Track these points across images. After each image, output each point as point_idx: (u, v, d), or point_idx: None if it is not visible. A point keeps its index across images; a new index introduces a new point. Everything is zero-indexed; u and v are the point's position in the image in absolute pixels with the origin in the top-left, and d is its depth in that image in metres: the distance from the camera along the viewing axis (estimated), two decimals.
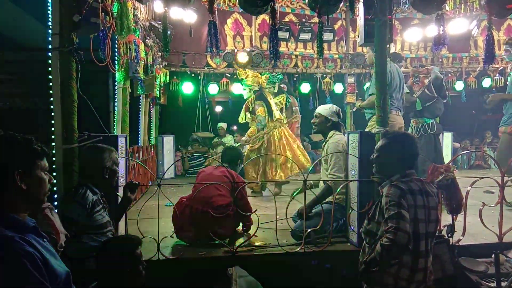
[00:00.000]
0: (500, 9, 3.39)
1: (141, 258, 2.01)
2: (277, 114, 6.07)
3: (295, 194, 3.89)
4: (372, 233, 2.30)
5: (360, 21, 3.31)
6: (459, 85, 8.64)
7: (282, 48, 7.95)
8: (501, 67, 8.55)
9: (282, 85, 7.78)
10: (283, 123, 6.15)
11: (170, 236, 3.30)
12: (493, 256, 2.85)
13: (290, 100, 7.37)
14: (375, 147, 2.56)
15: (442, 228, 3.25)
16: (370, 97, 4.38)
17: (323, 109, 3.88)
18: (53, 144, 2.84)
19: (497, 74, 8.62)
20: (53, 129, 2.86)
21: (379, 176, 2.66)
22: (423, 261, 2.21)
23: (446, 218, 3.32)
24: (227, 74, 8.08)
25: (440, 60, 8.61)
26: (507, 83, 8.72)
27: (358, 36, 3.46)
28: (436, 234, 3.13)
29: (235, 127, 8.76)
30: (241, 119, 6.30)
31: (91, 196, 2.48)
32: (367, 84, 8.22)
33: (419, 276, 2.19)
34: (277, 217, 3.39)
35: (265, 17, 7.92)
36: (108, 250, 1.97)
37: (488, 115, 11.12)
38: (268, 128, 6.01)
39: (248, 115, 6.22)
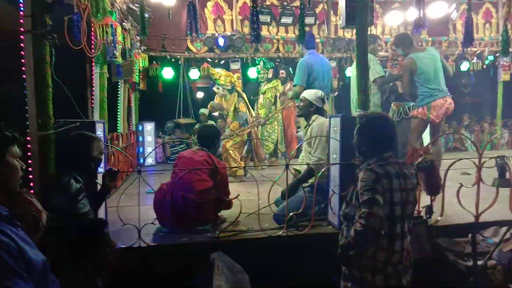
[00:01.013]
0: None
1: (109, 239, 1.99)
2: (252, 112, 6.68)
3: (277, 179, 3.90)
4: (350, 216, 2.30)
5: (342, 3, 3.29)
6: None
7: (264, 32, 7.87)
8: (479, 51, 8.69)
9: (281, 71, 7.91)
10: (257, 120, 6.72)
11: (152, 223, 3.27)
12: (469, 235, 2.93)
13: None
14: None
15: (421, 209, 3.32)
16: (294, 87, 4.65)
17: (309, 94, 3.92)
18: (28, 131, 2.75)
19: (475, 58, 8.75)
20: (27, 115, 2.77)
21: (359, 159, 2.67)
22: (399, 243, 2.21)
23: (424, 199, 3.39)
24: (208, 59, 7.96)
25: (420, 43, 8.68)
26: (484, 66, 8.92)
27: (340, 19, 3.44)
28: (415, 215, 3.20)
29: (216, 113, 8.68)
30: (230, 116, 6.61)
31: (75, 184, 2.43)
32: (349, 69, 8.26)
33: (396, 258, 2.21)
34: (260, 201, 3.39)
35: (246, 0, 7.81)
36: (74, 233, 1.93)
37: (465, 99, 11.33)
38: (251, 123, 6.51)
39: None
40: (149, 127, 8.03)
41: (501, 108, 8.85)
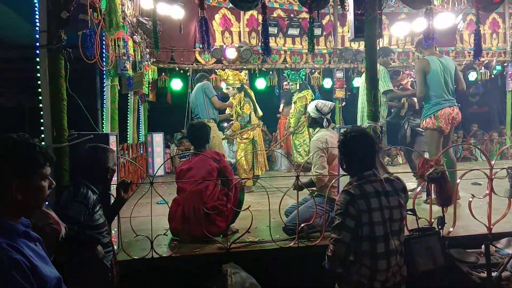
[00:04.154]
0: (487, 3, 3.43)
1: (102, 255, 1.99)
2: (259, 110, 6.47)
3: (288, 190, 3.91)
4: None
5: (350, 16, 3.33)
6: None
7: (271, 43, 7.93)
8: (487, 61, 8.68)
9: (285, 83, 7.93)
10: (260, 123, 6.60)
11: (164, 234, 3.29)
12: (483, 247, 2.90)
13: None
14: None
15: (433, 220, 3.30)
16: None
17: (309, 105, 4.01)
18: (43, 143, 2.80)
19: (483, 68, 8.74)
20: (42, 128, 2.82)
21: None
22: (384, 262, 2.15)
23: (436, 210, 3.38)
24: (216, 70, 8.04)
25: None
26: (492, 76, 8.91)
27: (348, 31, 3.48)
28: (427, 226, 3.19)
29: (225, 124, 8.73)
30: (234, 115, 6.47)
31: (92, 195, 2.46)
32: (356, 79, 8.29)
33: (381, 276, 2.16)
34: (270, 212, 3.40)
35: (253, 12, 7.90)
36: (67, 248, 1.92)
37: (474, 108, 11.28)
38: (252, 125, 6.36)
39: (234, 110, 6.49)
40: (158, 137, 8.09)
41: (510, 117, 8.81)
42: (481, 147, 9.11)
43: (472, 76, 8.69)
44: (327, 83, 8.61)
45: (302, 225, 3.31)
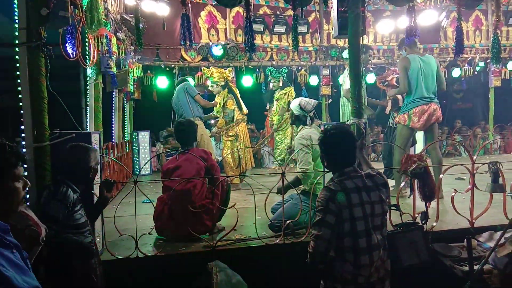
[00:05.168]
0: (468, 0, 3.47)
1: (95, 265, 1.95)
2: (244, 108, 6.42)
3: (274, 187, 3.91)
4: None
5: (334, 13, 3.34)
6: None
7: (257, 40, 7.93)
8: (470, 57, 8.81)
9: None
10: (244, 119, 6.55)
11: (149, 233, 3.26)
12: (465, 240, 2.95)
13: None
14: None
15: (417, 215, 3.34)
16: None
17: (292, 103, 4.02)
18: (24, 142, 2.75)
19: (466, 64, 8.87)
20: (22, 127, 2.77)
21: None
22: (367, 257, 2.16)
23: (419, 205, 3.42)
24: (202, 68, 7.99)
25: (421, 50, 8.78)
26: (475, 72, 9.04)
27: (332, 28, 3.49)
28: (411, 221, 3.22)
29: (212, 121, 8.72)
30: (217, 113, 6.42)
31: (72, 194, 2.42)
32: (341, 77, 8.33)
33: (365, 271, 2.17)
34: (256, 210, 3.40)
35: (239, 9, 7.87)
36: (60, 254, 1.87)
37: (458, 104, 11.45)
38: (237, 120, 6.34)
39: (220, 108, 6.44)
40: (144, 136, 8.01)
41: (493, 113, 8.97)
42: (465, 143, 9.25)
43: (456, 72, 8.81)
44: (313, 80, 8.64)
45: (288, 222, 3.32)
